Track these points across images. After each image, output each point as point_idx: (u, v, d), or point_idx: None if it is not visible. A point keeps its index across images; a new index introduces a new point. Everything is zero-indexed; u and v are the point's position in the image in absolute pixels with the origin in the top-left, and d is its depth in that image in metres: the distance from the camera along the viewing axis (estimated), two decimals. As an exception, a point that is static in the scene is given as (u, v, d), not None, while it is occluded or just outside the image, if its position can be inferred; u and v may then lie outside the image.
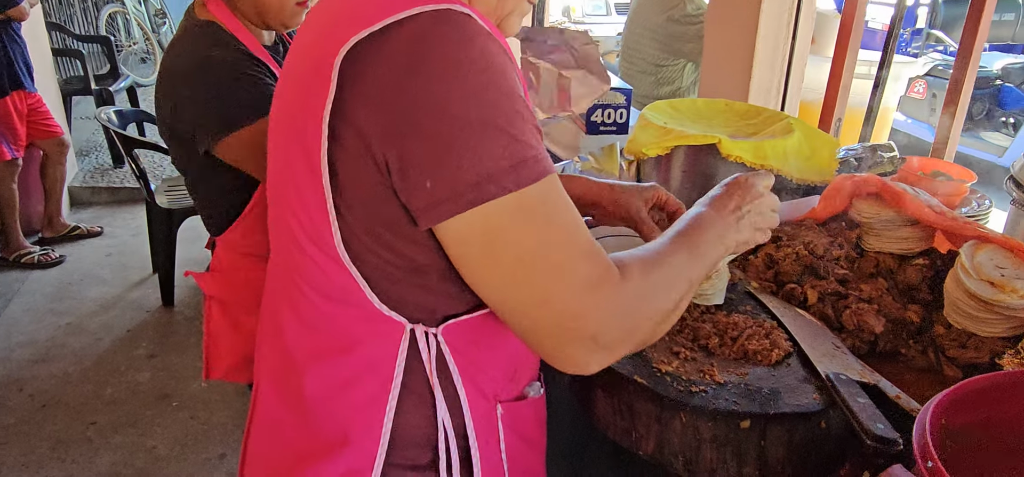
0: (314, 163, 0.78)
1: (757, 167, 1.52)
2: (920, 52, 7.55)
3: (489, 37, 0.77)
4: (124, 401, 3.15)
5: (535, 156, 0.76)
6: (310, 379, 0.90)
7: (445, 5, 0.75)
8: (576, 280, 0.76)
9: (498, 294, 0.79)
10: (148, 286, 4.11)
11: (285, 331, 0.94)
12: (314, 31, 0.85)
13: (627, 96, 2.14)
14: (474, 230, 0.75)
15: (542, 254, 0.76)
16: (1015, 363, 1.13)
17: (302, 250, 0.86)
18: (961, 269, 1.19)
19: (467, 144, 0.72)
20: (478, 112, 0.73)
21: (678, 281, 0.87)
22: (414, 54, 0.73)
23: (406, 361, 0.88)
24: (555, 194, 0.78)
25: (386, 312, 0.85)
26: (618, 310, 0.78)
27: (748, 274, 1.39)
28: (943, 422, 0.81)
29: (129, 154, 3.58)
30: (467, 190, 0.73)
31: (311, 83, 0.79)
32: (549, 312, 0.76)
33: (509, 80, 0.76)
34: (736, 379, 1.07)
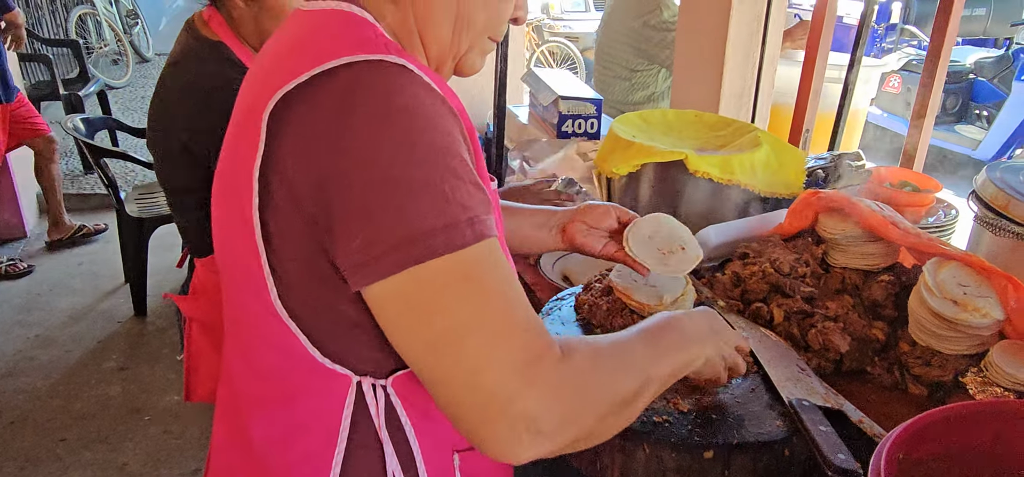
0: (247, 218, 0.76)
1: (724, 182, 1.51)
2: (894, 47, 7.61)
3: (425, 88, 0.73)
4: (94, 416, 3.10)
5: (470, 218, 0.71)
6: (256, 426, 0.88)
7: (377, 55, 0.72)
8: (510, 355, 0.69)
9: (423, 365, 0.72)
10: (120, 296, 4.04)
11: (234, 375, 0.92)
12: (249, 81, 0.83)
13: (597, 105, 2.13)
14: (399, 295, 0.70)
15: (474, 325, 0.69)
16: (977, 382, 1.13)
17: (244, 300, 0.83)
18: (924, 287, 1.19)
19: (393, 202, 0.68)
20: (406, 168, 0.69)
21: (633, 371, 0.81)
22: (342, 106, 0.70)
23: (353, 414, 0.84)
24: (491, 260, 0.72)
25: (329, 365, 0.82)
26: (556, 393, 0.70)
27: (715, 292, 1.38)
28: (901, 456, 0.80)
29: (97, 163, 3.51)
30: (392, 251, 0.68)
31: (242, 136, 0.77)
32: (478, 390, 0.68)
33: (443, 134, 0.72)
34: (701, 406, 1.06)
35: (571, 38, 9.29)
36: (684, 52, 2.33)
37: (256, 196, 0.74)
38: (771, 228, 1.48)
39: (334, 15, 0.80)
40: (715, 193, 1.59)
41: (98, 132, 3.98)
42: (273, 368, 0.85)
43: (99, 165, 3.52)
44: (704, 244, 1.49)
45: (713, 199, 1.60)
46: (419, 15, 0.85)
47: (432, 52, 0.89)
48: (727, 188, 1.56)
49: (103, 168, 3.53)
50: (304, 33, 0.80)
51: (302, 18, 0.83)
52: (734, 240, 1.50)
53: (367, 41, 0.75)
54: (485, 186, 0.77)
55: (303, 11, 0.84)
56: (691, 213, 1.60)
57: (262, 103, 0.74)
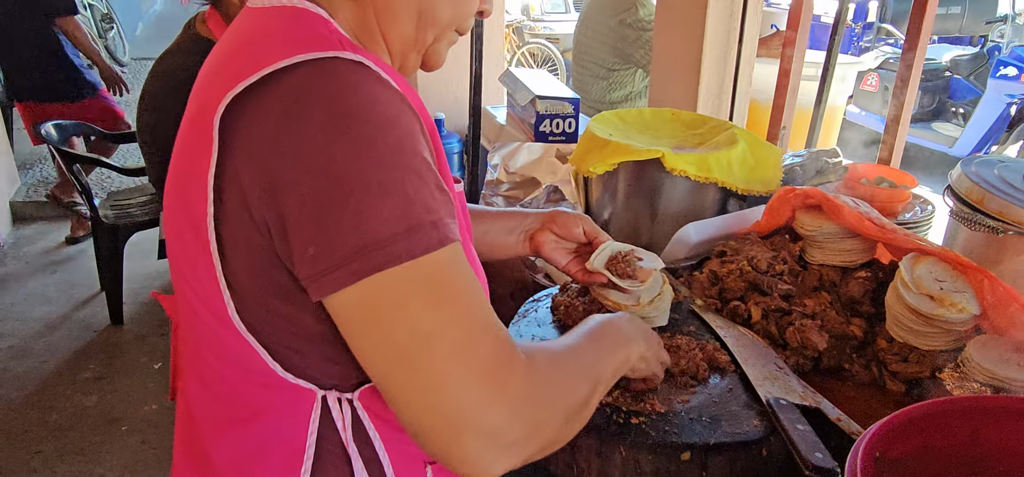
0: (201, 229, 0.72)
1: (701, 180, 1.50)
2: (872, 46, 7.68)
3: (382, 86, 0.70)
4: (70, 427, 3.04)
5: (433, 221, 0.68)
6: (217, 448, 0.84)
7: (331, 52, 0.69)
8: (477, 364, 0.67)
9: (386, 376, 0.68)
10: (96, 304, 3.98)
11: (190, 397, 0.87)
12: (200, 82, 0.79)
13: (575, 105, 2.12)
14: (360, 305, 0.67)
15: (438, 333, 0.66)
16: (955, 377, 1.13)
17: (199, 317, 0.79)
18: (901, 283, 1.19)
19: (350, 206, 0.64)
20: (363, 170, 0.65)
21: (587, 375, 0.81)
22: (293, 107, 0.66)
23: (318, 429, 0.80)
24: (456, 265, 0.70)
25: (292, 380, 0.78)
26: (524, 401, 0.68)
27: (693, 291, 1.37)
28: (878, 454, 0.80)
29: (70, 170, 3.46)
30: (351, 259, 0.65)
31: (194, 141, 0.73)
32: (443, 400, 0.65)
33: (403, 134, 0.69)
34: (678, 406, 1.05)
35: (552, 39, 9.29)
36: (661, 50, 2.33)
37: (210, 205, 0.70)
38: (749, 225, 1.48)
39: (285, 12, 0.77)
40: (693, 191, 1.58)
41: (71, 137, 3.92)
42: (232, 387, 0.81)
43: (72, 171, 3.47)
44: (684, 242, 1.48)
45: (691, 197, 1.59)
46: (379, 11, 0.82)
47: (395, 48, 0.85)
48: (705, 186, 1.56)
49: (77, 174, 3.47)
50: (254, 32, 0.76)
51: (253, 16, 0.79)
52: (713, 238, 1.49)
53: (320, 38, 0.72)
54: (449, 188, 0.74)
55: (254, 8, 0.80)
56: (669, 211, 1.60)
57: (213, 106, 0.70)
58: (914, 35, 2.17)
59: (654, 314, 1.23)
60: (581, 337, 0.87)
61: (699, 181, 1.51)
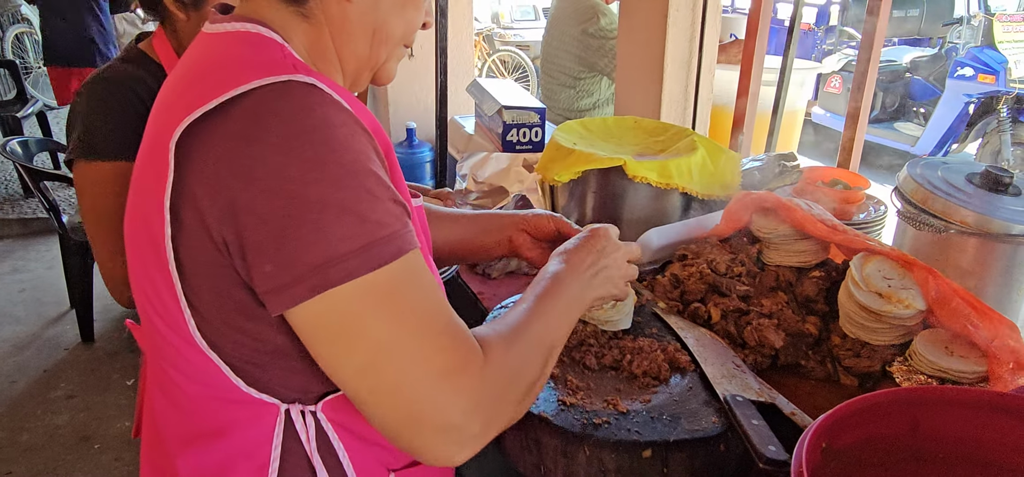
0: (160, 250, 0.74)
1: (663, 186, 1.55)
2: (834, 49, 7.84)
3: (335, 108, 0.73)
4: (42, 447, 3.01)
5: (387, 235, 0.71)
6: (183, 464, 0.85)
7: (284, 77, 0.72)
8: (434, 367, 0.71)
9: (351, 384, 0.73)
10: (66, 322, 3.94)
11: (157, 416, 0.89)
12: (157, 109, 0.82)
13: (541, 115, 2.16)
14: (320, 317, 0.70)
15: (396, 341, 0.71)
16: (903, 371, 1.18)
17: (162, 335, 0.81)
18: (851, 282, 1.24)
19: (306, 224, 0.67)
20: (318, 190, 0.68)
21: (540, 350, 0.85)
22: (249, 130, 0.69)
23: (283, 443, 0.82)
24: (412, 274, 0.73)
25: (255, 395, 0.80)
26: (481, 397, 0.73)
27: (656, 294, 1.42)
28: (825, 445, 0.84)
29: (37, 186, 3.42)
30: (309, 275, 0.68)
31: (150, 168, 0.76)
32: (405, 402, 0.71)
33: (355, 154, 0.72)
34: (640, 406, 1.08)
35: (522, 47, 9.35)
36: (625, 59, 2.38)
37: (168, 226, 0.73)
38: (709, 229, 1.52)
39: (239, 37, 0.79)
40: (656, 197, 1.63)
41: (37, 154, 3.88)
42: (197, 403, 0.83)
43: (39, 189, 3.43)
44: (646, 247, 1.53)
45: (654, 203, 1.64)
46: (335, 32, 0.84)
47: (349, 68, 0.88)
48: (667, 192, 1.60)
49: (43, 191, 3.44)
50: (210, 58, 0.79)
51: (208, 42, 0.82)
52: (674, 242, 1.53)
53: (273, 63, 0.74)
54: (405, 200, 0.78)
55: (209, 34, 0.83)
56: (634, 217, 1.64)
57: (169, 132, 0.72)
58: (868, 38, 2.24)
59: (617, 317, 1.27)
60: (530, 310, 0.88)
61: (661, 187, 1.56)
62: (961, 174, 1.40)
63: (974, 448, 0.87)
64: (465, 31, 4.00)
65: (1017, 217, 1.28)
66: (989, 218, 1.28)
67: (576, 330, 1.25)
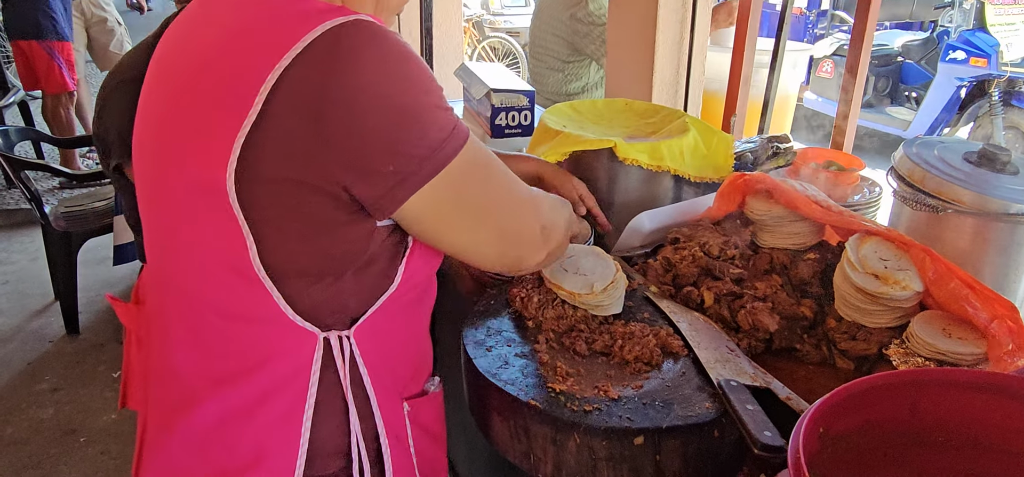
0: (217, 183, 0.80)
1: (654, 168, 1.51)
2: (826, 33, 7.82)
3: (395, 36, 0.85)
4: (26, 441, 2.97)
5: (456, 125, 0.88)
6: (213, 406, 0.91)
7: (353, 16, 0.81)
8: (526, 194, 0.99)
9: (469, 239, 0.94)
10: (50, 314, 3.88)
11: (177, 360, 0.94)
12: (210, 48, 0.85)
13: (530, 98, 2.12)
14: (436, 197, 0.86)
15: (495, 189, 0.95)
16: (900, 353, 1.15)
17: (195, 270, 0.88)
18: (847, 263, 1.21)
19: (416, 122, 0.82)
20: (414, 96, 0.83)
21: (558, 211, 1.14)
22: (338, 64, 0.78)
23: (321, 372, 0.91)
24: (479, 148, 0.92)
25: (299, 322, 0.89)
26: (550, 210, 1.06)
27: (648, 278, 1.39)
28: (822, 430, 0.81)
29: (18, 176, 3.36)
30: (425, 162, 0.83)
31: (214, 105, 0.81)
32: (524, 228, 0.99)
33: (422, 67, 0.86)
34: (631, 392, 1.06)
35: (512, 33, 9.28)
36: (616, 42, 2.34)
37: (234, 160, 0.79)
38: (701, 212, 1.49)
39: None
40: (648, 179, 1.59)
41: (18, 144, 3.82)
42: (235, 339, 0.90)
43: (20, 179, 3.37)
44: (638, 230, 1.50)
45: (645, 186, 1.61)
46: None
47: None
48: (658, 174, 1.57)
49: (25, 181, 3.38)
50: (261, 9, 0.84)
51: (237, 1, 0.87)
52: (666, 225, 1.50)
53: (332, 9, 0.82)
54: None
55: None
56: (625, 200, 1.61)
57: (249, 76, 0.78)
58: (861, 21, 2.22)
59: (608, 302, 1.24)
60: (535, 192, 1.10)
61: (652, 170, 1.52)
62: (958, 153, 1.38)
63: (975, 431, 0.85)
64: (454, 17, 3.95)
65: (1015, 196, 1.26)
66: (986, 197, 1.26)
67: (566, 315, 1.23)
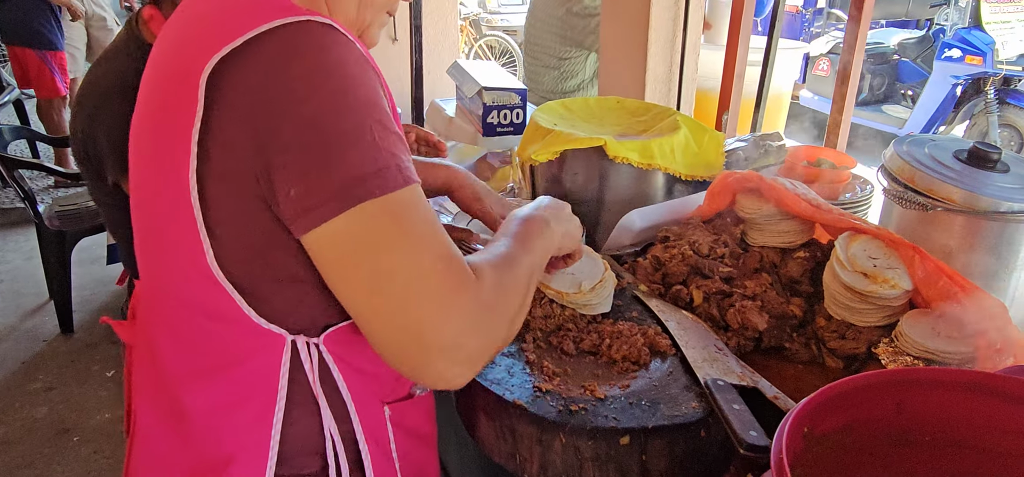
0: (182, 182, 0.78)
1: (644, 167, 1.51)
2: (822, 31, 7.82)
3: (349, 46, 0.79)
4: (19, 440, 2.96)
5: (397, 164, 0.77)
6: (191, 399, 0.89)
7: (305, 17, 0.77)
8: (436, 286, 0.76)
9: (359, 303, 0.78)
10: (44, 313, 3.87)
11: (161, 354, 0.93)
12: (172, 48, 0.85)
13: (522, 96, 2.11)
14: (339, 236, 0.76)
15: (402, 260, 0.76)
16: (889, 352, 1.15)
17: (173, 272, 0.86)
18: (836, 262, 1.21)
19: (330, 151, 0.74)
20: (339, 119, 0.74)
21: (524, 278, 0.91)
22: (277, 64, 0.74)
23: (289, 373, 0.88)
24: (417, 202, 0.79)
25: (265, 325, 0.85)
26: (478, 315, 0.79)
27: (637, 277, 1.38)
28: (806, 430, 0.81)
29: (12, 175, 3.35)
30: (332, 196, 0.74)
31: (175, 102, 0.79)
32: (411, 320, 0.75)
33: (369, 89, 0.78)
34: (618, 392, 1.05)
35: (509, 31, 9.27)
36: (609, 39, 2.34)
37: (193, 160, 0.76)
38: (692, 210, 1.49)
39: None
40: (638, 178, 1.59)
41: (14, 143, 3.80)
42: (207, 335, 0.87)
43: (14, 178, 3.36)
44: (628, 228, 1.49)
45: (637, 184, 1.60)
46: None
47: (340, 21, 0.90)
48: (650, 172, 1.57)
49: (18, 181, 3.37)
50: (223, 3, 0.82)
51: None
52: (657, 224, 1.50)
53: (289, 6, 0.79)
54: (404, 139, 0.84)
55: None
56: (616, 198, 1.60)
57: (195, 69, 0.76)
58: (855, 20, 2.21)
59: (596, 301, 1.23)
60: (512, 240, 0.95)
61: (643, 168, 1.52)
62: (948, 151, 1.37)
63: (960, 430, 0.84)
64: (450, 15, 3.95)
65: (1004, 194, 1.25)
66: (976, 195, 1.25)
67: (554, 314, 1.22)
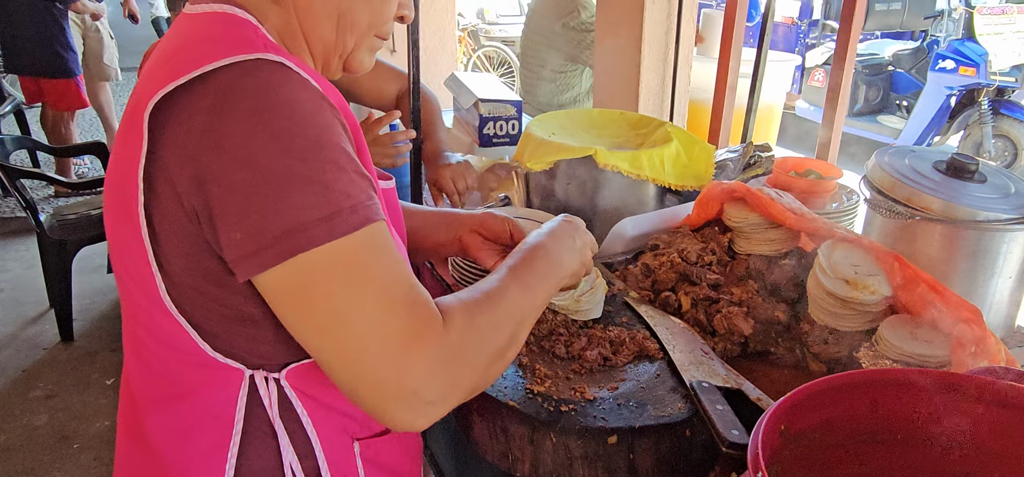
0: (133, 216, 0.77)
1: (633, 176, 1.55)
2: (817, 42, 7.88)
3: (302, 84, 0.76)
4: (19, 448, 2.98)
5: (352, 206, 0.74)
6: (152, 423, 0.89)
7: (255, 55, 0.75)
8: (392, 334, 0.73)
9: (316, 350, 0.76)
10: (45, 322, 3.90)
11: (130, 378, 0.92)
12: (142, 78, 0.85)
13: (517, 107, 2.16)
14: (286, 283, 0.73)
15: (357, 307, 0.73)
16: (870, 356, 1.19)
17: (136, 301, 0.84)
18: (819, 269, 1.25)
19: (272, 194, 0.71)
20: (283, 161, 0.71)
21: (509, 319, 0.86)
22: (219, 104, 0.72)
23: (247, 407, 0.86)
24: (375, 244, 0.76)
25: (221, 359, 0.83)
26: (440, 363, 0.75)
27: (628, 284, 1.42)
28: (783, 428, 0.84)
29: (13, 185, 3.39)
30: (275, 242, 0.71)
31: (128, 135, 0.78)
32: (366, 368, 0.73)
33: (322, 128, 0.75)
34: (607, 394, 1.09)
35: (507, 42, 9.32)
36: (603, 52, 2.38)
37: (141, 194, 0.76)
38: (680, 220, 1.53)
39: (217, 18, 0.82)
40: (631, 187, 1.63)
41: (15, 152, 3.84)
42: (166, 365, 0.85)
43: (16, 187, 3.40)
44: (620, 236, 1.53)
45: (629, 193, 1.64)
46: (301, 15, 0.87)
47: (317, 51, 0.91)
48: (642, 182, 1.61)
49: (20, 190, 3.41)
50: (187, 36, 0.82)
51: (187, 21, 0.85)
52: (648, 232, 1.54)
53: (247, 41, 0.78)
54: (371, 175, 0.81)
55: (189, 14, 0.86)
56: (608, 206, 1.64)
57: (144, 104, 0.75)
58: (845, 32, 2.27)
59: (588, 307, 1.27)
60: (506, 275, 0.91)
61: (633, 178, 1.56)
62: (928, 162, 1.41)
63: (932, 429, 0.88)
64: (448, 27, 4.00)
65: (982, 204, 1.30)
66: (954, 205, 1.29)
67: (546, 319, 1.26)
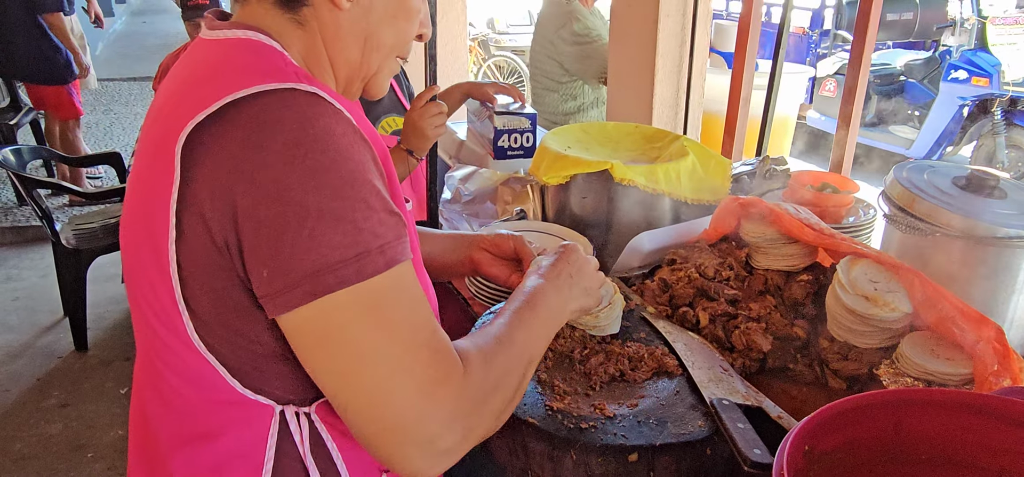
0: (162, 253, 0.75)
1: (649, 191, 1.55)
2: (829, 53, 7.86)
3: (337, 118, 0.75)
4: (34, 456, 3.00)
5: (380, 246, 0.73)
6: (177, 465, 0.86)
7: (288, 84, 0.74)
8: (414, 379, 0.72)
9: (334, 393, 0.75)
10: (59, 330, 3.93)
11: (150, 417, 0.89)
12: (159, 109, 0.82)
13: (532, 120, 2.16)
14: (310, 323, 0.72)
15: (382, 351, 0.72)
16: (890, 373, 1.18)
17: (158, 337, 0.82)
18: (838, 285, 1.24)
19: (303, 231, 0.69)
20: (316, 198, 0.70)
21: (519, 362, 0.87)
22: (253, 136, 0.71)
23: (277, 444, 0.84)
24: (401, 286, 0.75)
25: (250, 396, 0.82)
26: (459, 409, 0.75)
27: (645, 299, 1.42)
28: (807, 448, 0.84)
29: (30, 194, 3.42)
30: (304, 281, 0.70)
31: (154, 171, 0.76)
32: (387, 413, 0.72)
33: (354, 163, 0.73)
34: (626, 411, 1.09)
35: (517, 52, 9.33)
36: (616, 63, 2.39)
37: (172, 230, 0.74)
38: (697, 234, 1.53)
39: (240, 44, 0.80)
40: (647, 201, 1.63)
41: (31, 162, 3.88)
42: (193, 404, 0.83)
43: (32, 197, 3.43)
44: (637, 250, 1.53)
45: (646, 207, 1.64)
46: (328, 39, 0.86)
47: (341, 74, 0.89)
48: (658, 196, 1.61)
49: (36, 199, 3.44)
50: (212, 63, 0.80)
51: (207, 48, 0.83)
52: (664, 247, 1.54)
53: (276, 69, 0.76)
54: (400, 209, 0.79)
55: (207, 40, 0.84)
56: (624, 220, 1.64)
57: (173, 136, 0.74)
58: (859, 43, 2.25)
59: (605, 322, 1.27)
60: (512, 321, 0.90)
61: (649, 192, 1.56)
62: (947, 177, 1.41)
63: (956, 450, 0.88)
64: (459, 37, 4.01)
65: (1002, 220, 1.29)
66: (974, 221, 1.29)
67: (565, 335, 1.26)
